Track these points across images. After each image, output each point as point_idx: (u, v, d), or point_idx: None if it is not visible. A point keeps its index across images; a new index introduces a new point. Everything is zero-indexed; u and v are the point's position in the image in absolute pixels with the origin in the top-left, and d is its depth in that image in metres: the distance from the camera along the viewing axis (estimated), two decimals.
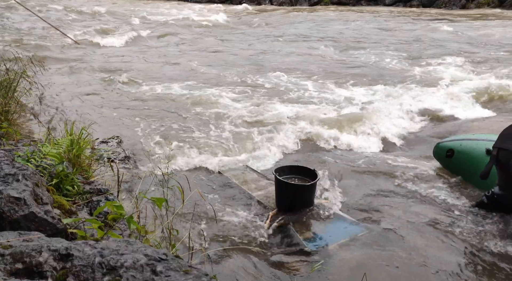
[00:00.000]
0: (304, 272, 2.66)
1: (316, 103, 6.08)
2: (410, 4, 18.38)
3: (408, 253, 2.85)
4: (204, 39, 11.66)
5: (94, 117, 5.20)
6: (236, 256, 2.82)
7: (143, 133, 4.90)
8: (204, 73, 7.69)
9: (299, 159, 4.41)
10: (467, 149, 3.72)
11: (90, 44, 10.21)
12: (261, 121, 5.33)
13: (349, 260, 2.79)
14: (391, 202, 3.54)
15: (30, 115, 4.35)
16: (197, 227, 3.08)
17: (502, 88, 6.29)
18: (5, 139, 2.85)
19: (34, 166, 2.06)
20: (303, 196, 3.32)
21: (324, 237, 3.03)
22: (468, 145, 3.75)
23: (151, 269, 1.16)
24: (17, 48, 8.11)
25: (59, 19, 13.23)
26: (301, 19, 14.97)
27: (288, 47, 10.26)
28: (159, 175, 3.17)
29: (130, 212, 2.15)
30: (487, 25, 12.51)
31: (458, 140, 3.94)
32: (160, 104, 5.94)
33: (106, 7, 16.16)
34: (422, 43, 10.38)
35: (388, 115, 5.51)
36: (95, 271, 1.15)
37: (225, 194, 3.70)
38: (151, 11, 15.99)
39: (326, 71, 7.90)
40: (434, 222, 3.22)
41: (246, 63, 8.56)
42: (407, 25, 13.13)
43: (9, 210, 1.48)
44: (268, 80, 7.25)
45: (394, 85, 6.83)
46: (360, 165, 4.28)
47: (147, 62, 8.56)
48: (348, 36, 11.70)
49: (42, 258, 1.17)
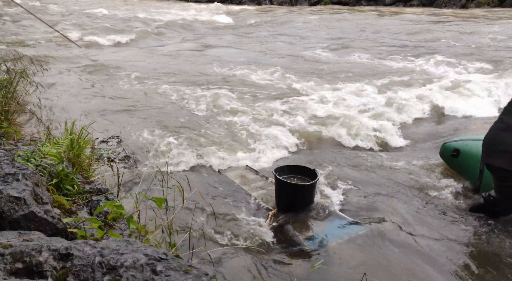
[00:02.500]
0: (304, 272, 2.66)
1: (317, 103, 6.08)
2: (410, 4, 18.40)
3: (408, 253, 2.85)
4: (204, 39, 11.66)
5: (94, 117, 5.20)
6: (236, 256, 2.82)
7: (143, 133, 4.89)
8: (204, 73, 7.70)
9: (299, 159, 4.41)
10: (473, 150, 3.70)
11: (90, 44, 10.21)
12: (261, 120, 5.33)
13: (349, 259, 2.79)
14: (392, 202, 3.55)
15: (30, 115, 4.35)
16: (197, 226, 3.08)
17: (509, 85, 6.32)
18: (5, 139, 2.85)
19: (34, 165, 2.06)
20: (303, 195, 3.32)
21: (324, 237, 3.03)
22: (474, 145, 3.73)
23: (151, 268, 1.16)
24: (17, 48, 8.11)
25: (59, 19, 13.23)
26: (301, 19, 14.96)
27: (289, 47, 10.26)
28: (159, 175, 3.17)
29: (130, 212, 2.14)
30: (489, 24, 12.51)
31: (464, 140, 3.93)
32: (160, 104, 5.94)
33: (107, 7, 16.17)
34: (423, 42, 10.38)
35: (389, 115, 5.52)
36: (95, 271, 1.15)
37: (225, 193, 3.70)
38: (151, 11, 15.99)
39: (326, 71, 7.90)
40: (435, 222, 3.23)
41: (246, 63, 8.56)
42: (407, 25, 13.12)
43: (9, 209, 1.48)
44: (268, 80, 7.25)
45: (396, 85, 6.83)
46: (361, 164, 4.28)
47: (147, 62, 8.56)
48: (348, 36, 11.69)
49: (42, 258, 1.17)
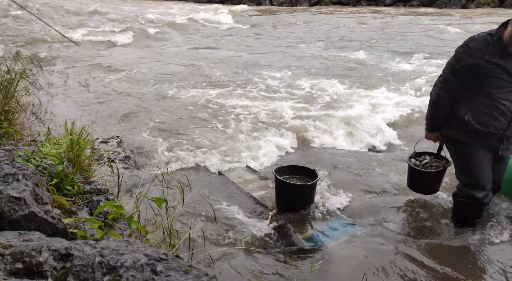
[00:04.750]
0: (304, 272, 2.67)
1: (317, 103, 6.09)
2: (410, 4, 18.39)
3: (408, 253, 2.86)
4: (204, 39, 11.66)
5: (94, 117, 5.20)
6: (236, 256, 2.82)
7: (143, 133, 4.90)
8: (204, 74, 7.69)
9: (299, 159, 4.41)
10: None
11: (91, 43, 10.20)
12: (261, 121, 5.33)
13: (349, 259, 2.79)
14: (391, 202, 3.55)
15: (30, 115, 4.35)
16: (197, 226, 3.08)
17: None
18: (5, 139, 2.85)
19: (34, 165, 2.06)
20: (303, 195, 3.33)
21: (324, 237, 3.03)
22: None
23: (151, 269, 1.16)
24: (17, 48, 8.11)
25: (59, 19, 13.23)
26: (301, 19, 14.97)
27: (289, 48, 10.26)
28: (159, 175, 3.17)
29: (130, 212, 2.15)
30: (491, 23, 12.50)
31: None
32: (160, 104, 5.94)
33: (107, 7, 16.16)
34: (424, 42, 10.38)
35: (389, 115, 5.52)
36: (95, 271, 1.15)
37: (225, 194, 3.70)
38: (151, 11, 15.99)
39: (327, 71, 7.90)
40: (435, 222, 3.23)
41: (247, 63, 8.56)
42: (408, 25, 13.12)
43: (9, 209, 1.48)
44: (269, 80, 7.25)
45: (398, 84, 6.83)
46: (361, 165, 4.28)
47: (147, 62, 8.56)
48: (349, 36, 11.69)
49: (42, 258, 1.17)
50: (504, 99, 2.75)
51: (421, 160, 3.39)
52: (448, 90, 2.92)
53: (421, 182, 3.39)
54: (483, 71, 2.72)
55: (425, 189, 3.45)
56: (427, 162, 3.36)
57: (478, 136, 2.88)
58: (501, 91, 2.74)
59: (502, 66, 2.68)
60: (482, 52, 2.70)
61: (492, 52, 2.68)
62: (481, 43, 2.72)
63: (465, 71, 2.79)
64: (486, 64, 2.70)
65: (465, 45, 2.80)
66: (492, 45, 2.68)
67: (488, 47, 2.69)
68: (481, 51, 2.70)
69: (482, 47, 2.71)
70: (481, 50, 2.71)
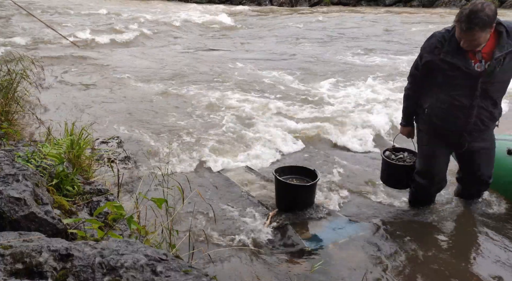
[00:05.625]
0: (304, 272, 2.67)
1: (317, 103, 6.09)
2: (410, 4, 18.39)
3: (408, 253, 2.85)
4: (204, 40, 11.66)
5: (94, 118, 5.20)
6: (236, 256, 2.82)
7: (143, 133, 4.90)
8: (204, 74, 7.70)
9: (299, 159, 4.41)
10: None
11: (90, 44, 10.21)
12: (261, 121, 5.33)
13: (349, 260, 2.79)
14: (391, 202, 3.55)
15: (31, 116, 4.35)
16: (197, 227, 3.08)
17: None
18: (5, 140, 2.85)
19: (34, 166, 2.06)
20: (303, 196, 3.32)
21: (324, 237, 3.03)
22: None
23: (151, 269, 1.16)
24: (17, 48, 8.11)
25: (59, 19, 13.23)
26: (301, 19, 14.97)
27: (289, 48, 10.26)
28: (159, 175, 3.17)
29: (130, 212, 2.14)
30: None
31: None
32: (160, 105, 5.94)
33: (107, 7, 16.17)
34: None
35: (389, 115, 5.52)
36: (95, 271, 1.16)
37: (225, 194, 3.70)
38: (151, 11, 15.99)
39: (327, 71, 7.90)
40: (435, 221, 3.23)
41: (247, 64, 8.56)
42: (408, 25, 13.12)
43: (9, 210, 1.48)
44: (269, 80, 7.25)
45: (400, 83, 6.83)
46: (361, 165, 4.28)
47: (147, 63, 8.56)
48: (349, 36, 11.70)
49: (42, 258, 1.17)
50: (460, 96, 2.80)
51: (397, 154, 3.47)
52: (414, 85, 3.04)
53: (391, 175, 3.45)
54: (439, 69, 2.78)
55: (394, 183, 3.49)
56: (401, 157, 3.44)
57: (437, 130, 3.00)
58: (457, 88, 2.79)
59: (456, 65, 2.70)
60: (438, 50, 2.76)
61: (447, 50, 2.71)
62: (438, 41, 2.76)
63: (424, 68, 2.88)
64: (440, 62, 2.75)
65: (426, 41, 2.87)
66: (448, 42, 2.72)
67: (445, 44, 2.73)
68: (437, 49, 2.76)
69: (439, 45, 2.76)
70: (437, 48, 2.76)
